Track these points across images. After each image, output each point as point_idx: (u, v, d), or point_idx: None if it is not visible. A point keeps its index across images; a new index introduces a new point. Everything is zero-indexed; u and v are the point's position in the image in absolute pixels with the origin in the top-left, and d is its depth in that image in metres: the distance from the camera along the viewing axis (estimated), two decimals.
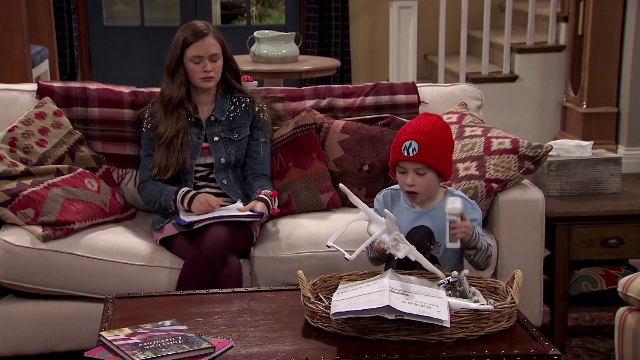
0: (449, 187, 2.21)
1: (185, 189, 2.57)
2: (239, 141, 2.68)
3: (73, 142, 2.72)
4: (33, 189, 2.49)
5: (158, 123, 2.62)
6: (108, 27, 5.89)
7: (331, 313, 1.80)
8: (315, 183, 2.75)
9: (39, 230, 2.44)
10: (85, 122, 2.80)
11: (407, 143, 2.08)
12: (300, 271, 2.02)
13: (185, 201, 2.53)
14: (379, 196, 2.23)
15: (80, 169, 2.66)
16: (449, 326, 1.77)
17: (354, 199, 2.04)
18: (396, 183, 2.75)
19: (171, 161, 2.58)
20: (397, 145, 2.12)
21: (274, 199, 2.61)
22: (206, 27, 2.63)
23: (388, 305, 1.76)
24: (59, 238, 2.46)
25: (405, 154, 2.08)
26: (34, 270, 2.43)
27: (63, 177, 2.59)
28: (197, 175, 2.66)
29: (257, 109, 2.71)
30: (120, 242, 2.51)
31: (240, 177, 2.72)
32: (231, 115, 2.69)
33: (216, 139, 2.66)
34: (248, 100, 2.72)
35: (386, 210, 1.99)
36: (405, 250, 1.96)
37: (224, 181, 2.66)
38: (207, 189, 2.65)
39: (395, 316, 1.77)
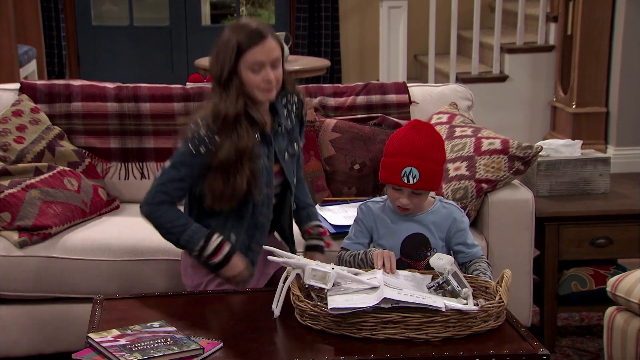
0: (437, 197, 2.21)
1: (218, 235, 2.09)
2: (299, 155, 2.29)
3: (52, 137, 2.70)
4: (10, 191, 2.47)
5: (219, 146, 2.09)
6: (96, 27, 5.86)
7: (329, 308, 1.80)
8: (312, 181, 2.74)
9: (15, 236, 2.41)
10: (68, 116, 2.78)
11: (407, 170, 2.04)
12: (289, 268, 2.01)
13: (220, 256, 2.08)
14: (363, 206, 2.21)
15: (61, 168, 2.63)
16: (445, 311, 1.78)
17: (281, 254, 1.94)
18: None
19: (236, 189, 2.08)
20: (393, 167, 2.06)
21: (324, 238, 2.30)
22: (264, 28, 2.12)
23: (384, 298, 1.78)
24: (36, 243, 2.43)
25: (406, 181, 2.05)
26: (13, 277, 2.40)
27: (42, 177, 2.56)
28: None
29: (304, 111, 2.28)
30: (98, 238, 2.47)
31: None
32: (288, 121, 2.24)
33: (286, 156, 2.21)
34: (296, 99, 2.26)
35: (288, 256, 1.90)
36: (332, 277, 1.85)
37: (293, 206, 2.27)
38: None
39: (392, 305, 1.79)
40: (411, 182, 2.04)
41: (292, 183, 2.22)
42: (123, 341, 1.77)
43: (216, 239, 2.09)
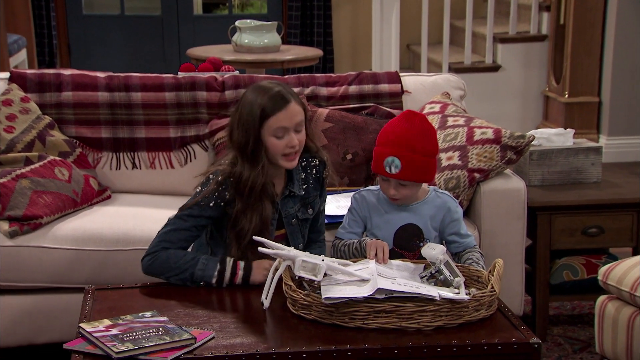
0: (432, 187, 2.20)
1: (230, 258, 2.06)
2: (312, 219, 2.21)
3: (43, 127, 2.68)
4: (0, 180, 2.45)
5: (237, 214, 2.06)
6: (87, 16, 5.82)
7: (323, 297, 1.80)
8: None
9: (5, 226, 2.40)
10: (58, 106, 2.76)
11: (390, 159, 2.03)
12: (280, 259, 2.00)
13: (240, 271, 2.03)
14: (358, 195, 2.20)
15: (51, 157, 2.61)
16: (439, 300, 1.78)
17: (272, 246, 1.92)
18: None
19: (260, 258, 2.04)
20: (379, 156, 2.07)
21: None
22: (286, 91, 2.06)
23: (378, 288, 1.78)
24: (27, 233, 2.41)
25: (388, 171, 2.04)
26: (5, 267, 2.38)
27: (32, 166, 2.54)
28: None
29: (325, 174, 2.20)
30: (90, 228, 2.46)
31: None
32: (303, 186, 2.17)
33: (294, 221, 2.17)
34: (317, 162, 2.19)
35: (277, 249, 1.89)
36: (322, 269, 1.86)
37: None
38: None
39: (386, 295, 1.79)
40: (393, 171, 2.04)
41: (296, 246, 2.13)
42: (115, 331, 1.77)
43: (230, 260, 2.05)
